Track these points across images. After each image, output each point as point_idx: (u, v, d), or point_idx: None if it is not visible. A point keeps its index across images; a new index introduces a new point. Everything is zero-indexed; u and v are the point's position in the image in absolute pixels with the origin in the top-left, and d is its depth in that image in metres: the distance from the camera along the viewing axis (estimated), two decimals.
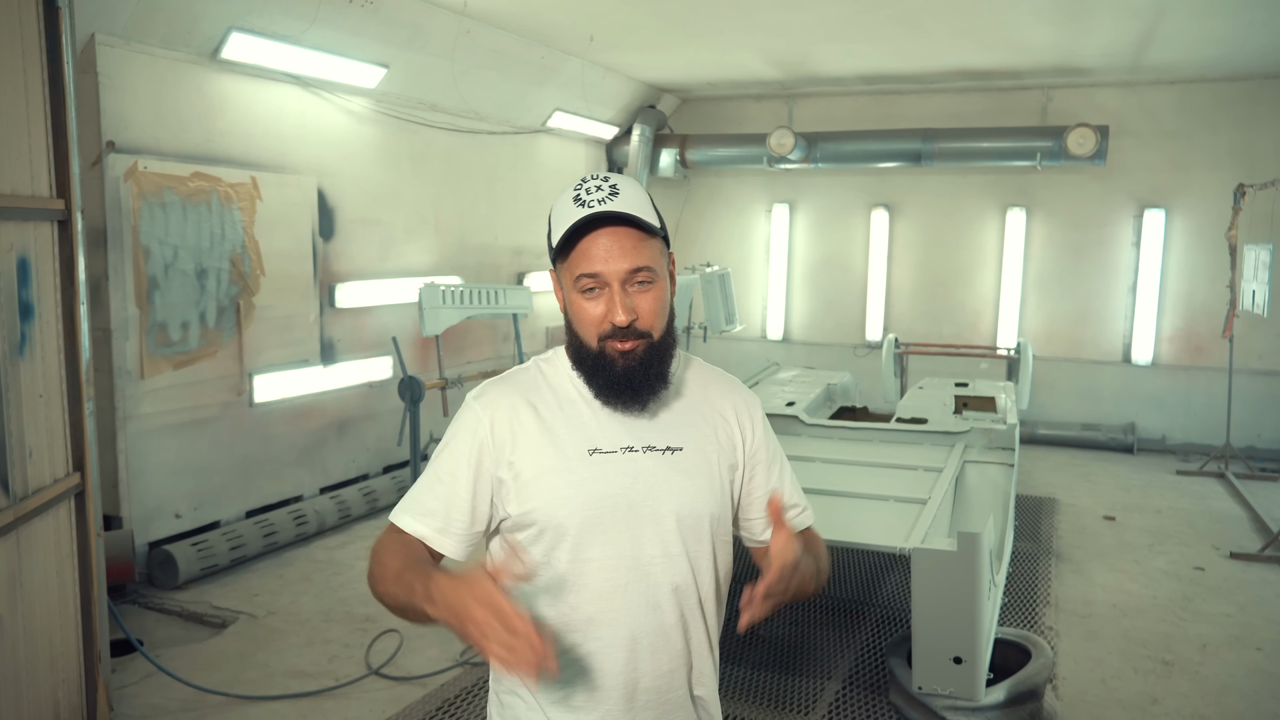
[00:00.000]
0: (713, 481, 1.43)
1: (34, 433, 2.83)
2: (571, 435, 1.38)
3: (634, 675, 1.38)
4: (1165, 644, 4.21)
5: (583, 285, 1.33)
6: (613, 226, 1.32)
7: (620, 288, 1.32)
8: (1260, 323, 7.23)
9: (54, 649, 2.97)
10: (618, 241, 1.32)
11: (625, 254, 1.32)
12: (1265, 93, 7.57)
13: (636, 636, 1.38)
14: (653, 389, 1.38)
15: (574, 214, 1.32)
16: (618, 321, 1.32)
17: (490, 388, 1.44)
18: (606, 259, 1.31)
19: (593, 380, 1.38)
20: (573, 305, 1.37)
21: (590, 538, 1.35)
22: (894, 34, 6.51)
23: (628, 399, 1.37)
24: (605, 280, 1.32)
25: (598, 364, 1.36)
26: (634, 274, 1.33)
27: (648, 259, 1.33)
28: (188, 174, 4.83)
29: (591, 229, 1.32)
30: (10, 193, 2.73)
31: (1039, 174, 8.13)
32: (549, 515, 1.35)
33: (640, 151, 8.65)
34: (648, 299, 1.34)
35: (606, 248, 1.31)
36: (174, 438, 4.87)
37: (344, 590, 4.73)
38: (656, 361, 1.37)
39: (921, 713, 3.22)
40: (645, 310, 1.34)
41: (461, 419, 1.42)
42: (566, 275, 1.36)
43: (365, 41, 5.61)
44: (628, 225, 1.33)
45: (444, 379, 5.07)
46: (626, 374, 1.35)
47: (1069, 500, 6.51)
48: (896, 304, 9.00)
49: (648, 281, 1.34)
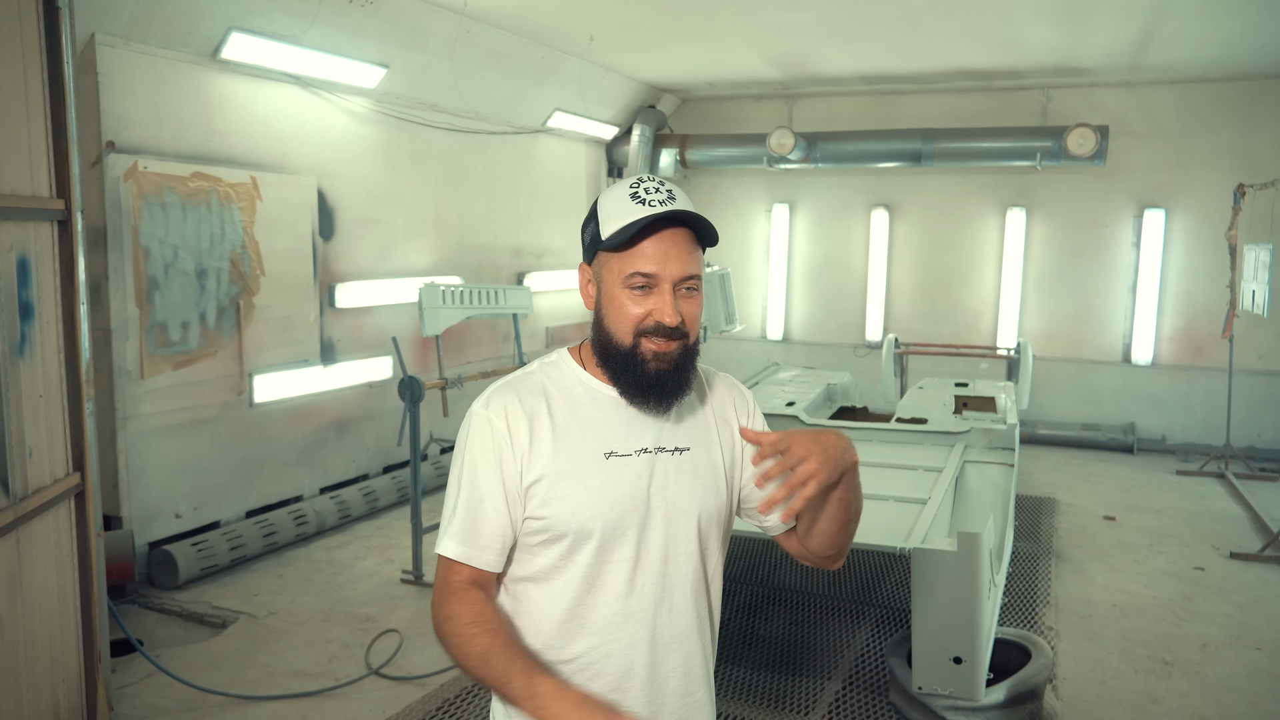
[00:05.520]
0: (718, 480, 1.45)
1: (34, 433, 2.83)
2: (585, 438, 1.37)
3: (654, 675, 1.39)
4: (1165, 644, 4.21)
5: (634, 283, 1.33)
6: (673, 229, 1.33)
7: (672, 290, 1.33)
8: (1260, 323, 7.23)
9: (54, 649, 2.97)
10: (677, 245, 1.33)
11: (682, 259, 1.33)
12: (1265, 93, 7.57)
13: (656, 637, 1.38)
14: (680, 392, 1.39)
15: (634, 210, 1.32)
16: (667, 322, 1.32)
17: (497, 394, 1.41)
18: (666, 261, 1.32)
19: (620, 378, 1.38)
20: (614, 300, 1.36)
21: (610, 540, 1.36)
22: (894, 34, 6.51)
23: (655, 400, 1.37)
24: (659, 281, 1.33)
25: (628, 361, 1.36)
26: (685, 280, 1.34)
27: (698, 267, 1.36)
28: (188, 174, 4.83)
29: (655, 229, 1.32)
30: (10, 193, 2.73)
31: (1039, 174, 8.13)
32: (570, 519, 1.34)
33: (640, 151, 8.65)
34: (692, 305, 1.36)
35: (665, 250, 1.32)
36: (174, 438, 4.87)
37: (344, 590, 4.73)
38: (687, 365, 1.38)
39: (921, 713, 3.22)
40: (690, 315, 1.36)
41: (474, 429, 1.39)
42: (614, 269, 1.35)
43: (365, 41, 5.61)
44: (686, 229, 1.34)
45: (444, 379, 5.08)
46: (659, 376, 1.35)
47: (1069, 500, 6.51)
48: (896, 304, 9.00)
49: (694, 289, 1.36)
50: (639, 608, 1.37)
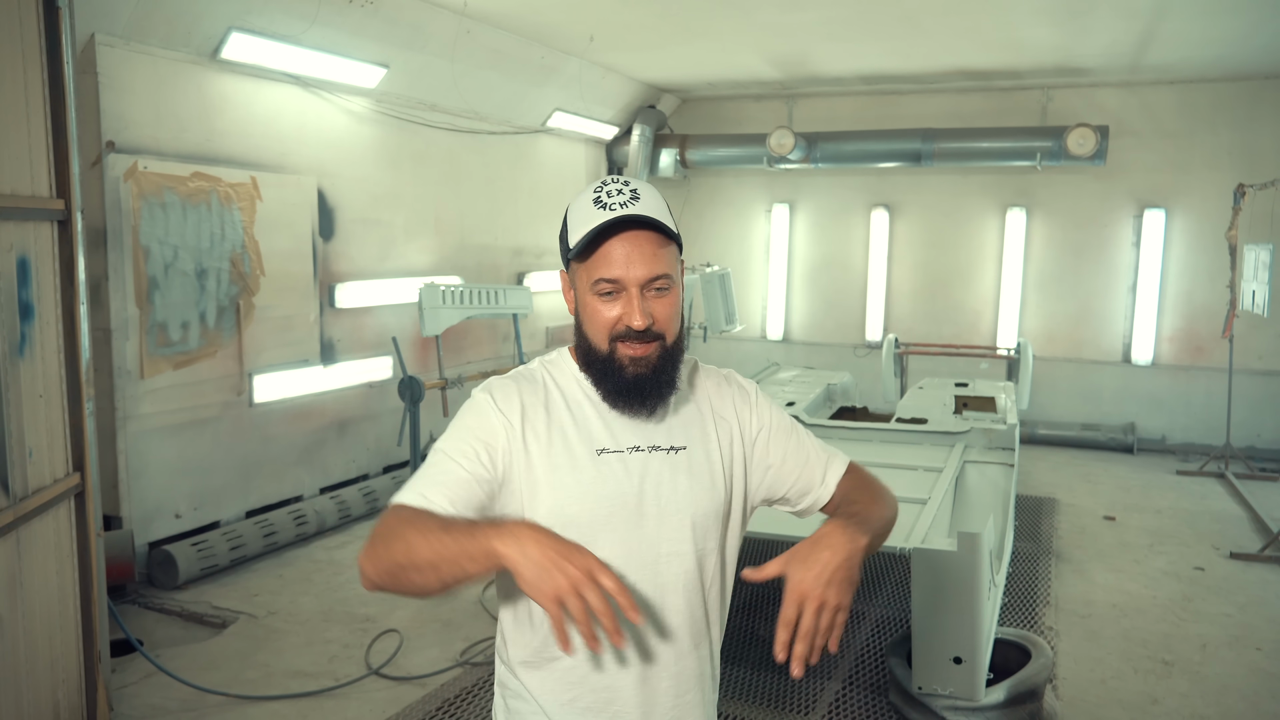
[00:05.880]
0: (716, 480, 1.44)
1: (34, 433, 2.83)
2: (579, 435, 1.37)
3: (646, 675, 1.38)
4: (1165, 644, 4.21)
5: (601, 289, 1.33)
6: (634, 231, 1.32)
7: (638, 293, 1.32)
8: (1260, 323, 7.23)
9: (54, 649, 2.97)
10: (639, 247, 1.31)
11: (645, 260, 1.32)
12: (1265, 93, 7.57)
13: (646, 636, 1.38)
14: (661, 395, 1.38)
15: (595, 216, 1.31)
16: (635, 326, 1.32)
17: (497, 384, 1.41)
18: (627, 264, 1.31)
19: (601, 383, 1.38)
20: (586, 307, 1.36)
21: (599, 537, 1.34)
22: (894, 34, 6.51)
23: (636, 404, 1.37)
24: (624, 285, 1.32)
25: (607, 367, 1.36)
26: (653, 280, 1.33)
27: (666, 265, 1.34)
28: (188, 174, 4.83)
29: (613, 233, 1.31)
30: (10, 193, 2.73)
31: (1039, 174, 8.13)
32: (559, 514, 1.34)
33: (640, 151, 8.65)
34: (663, 304, 1.35)
35: (627, 253, 1.31)
36: (174, 438, 4.87)
37: (344, 590, 4.73)
38: (668, 366, 1.37)
39: (921, 713, 3.22)
40: (661, 315, 1.34)
41: (473, 407, 1.38)
42: (583, 277, 1.35)
43: (365, 41, 5.61)
44: (649, 230, 1.32)
45: (444, 379, 5.08)
46: (637, 380, 1.35)
47: (1069, 500, 6.51)
48: (896, 304, 8.99)
49: (665, 289, 1.34)
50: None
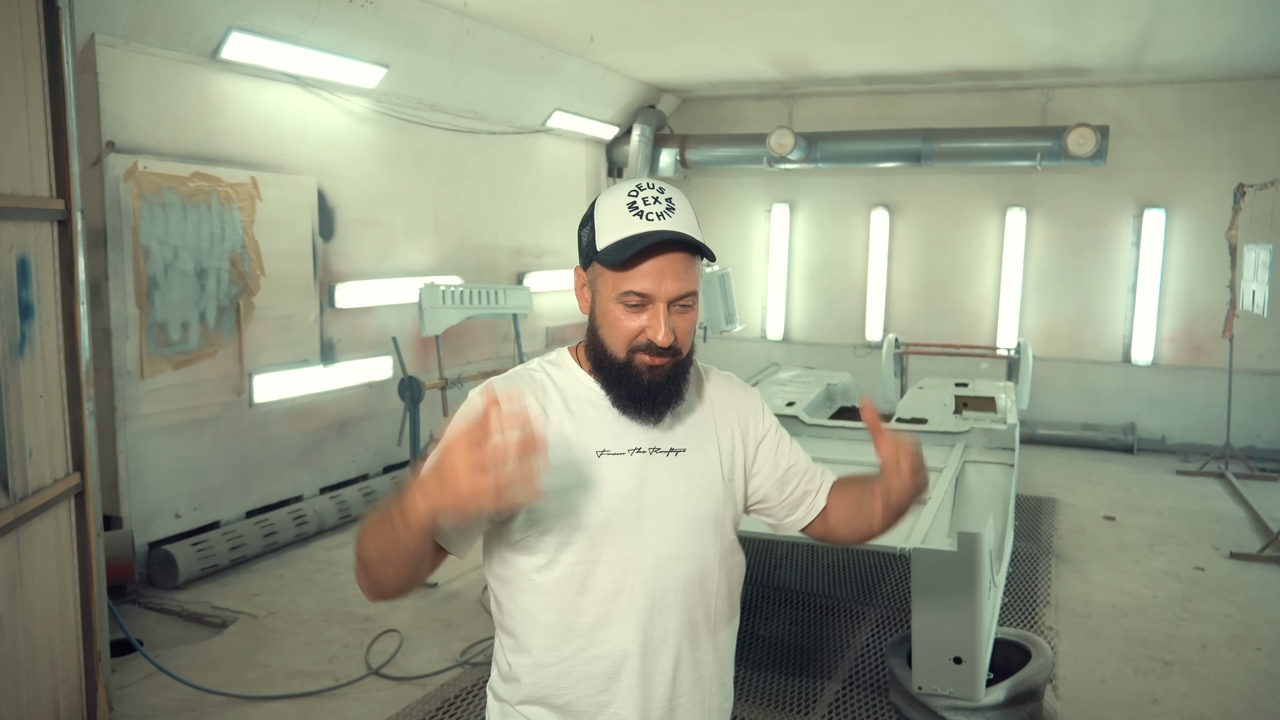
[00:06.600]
0: (716, 483, 1.43)
1: (34, 433, 2.83)
2: (580, 436, 1.36)
3: (644, 679, 1.36)
4: (1165, 644, 4.21)
5: (629, 300, 1.32)
6: (670, 247, 1.31)
7: (666, 309, 1.31)
8: (1260, 323, 7.23)
9: (54, 649, 2.97)
10: (674, 264, 1.31)
11: (678, 278, 1.31)
12: (1265, 93, 7.57)
13: (647, 639, 1.36)
14: (671, 403, 1.38)
15: (630, 224, 1.30)
16: (660, 343, 1.31)
17: (498, 381, 1.40)
18: (660, 281, 1.30)
19: (613, 389, 1.37)
20: (608, 314, 1.34)
21: (599, 539, 1.34)
22: (894, 34, 6.51)
23: (647, 412, 1.37)
24: (653, 300, 1.31)
25: (622, 374, 1.35)
26: (681, 298, 1.32)
27: (694, 283, 1.33)
28: (188, 174, 4.83)
29: (652, 250, 1.30)
30: (10, 193, 2.73)
31: (1039, 174, 8.13)
32: (558, 515, 1.33)
33: (640, 151, 8.65)
34: (686, 320, 1.35)
35: (661, 269, 1.30)
36: (174, 438, 4.87)
37: (344, 590, 4.73)
38: (680, 376, 1.37)
39: (921, 713, 3.22)
40: (683, 331, 1.34)
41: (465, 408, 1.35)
42: (608, 283, 1.33)
43: (365, 41, 5.61)
44: (684, 248, 1.32)
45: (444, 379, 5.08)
46: (652, 388, 1.34)
47: (1069, 500, 6.51)
48: (896, 304, 9.00)
49: (689, 305, 1.34)
50: (629, 609, 1.35)
